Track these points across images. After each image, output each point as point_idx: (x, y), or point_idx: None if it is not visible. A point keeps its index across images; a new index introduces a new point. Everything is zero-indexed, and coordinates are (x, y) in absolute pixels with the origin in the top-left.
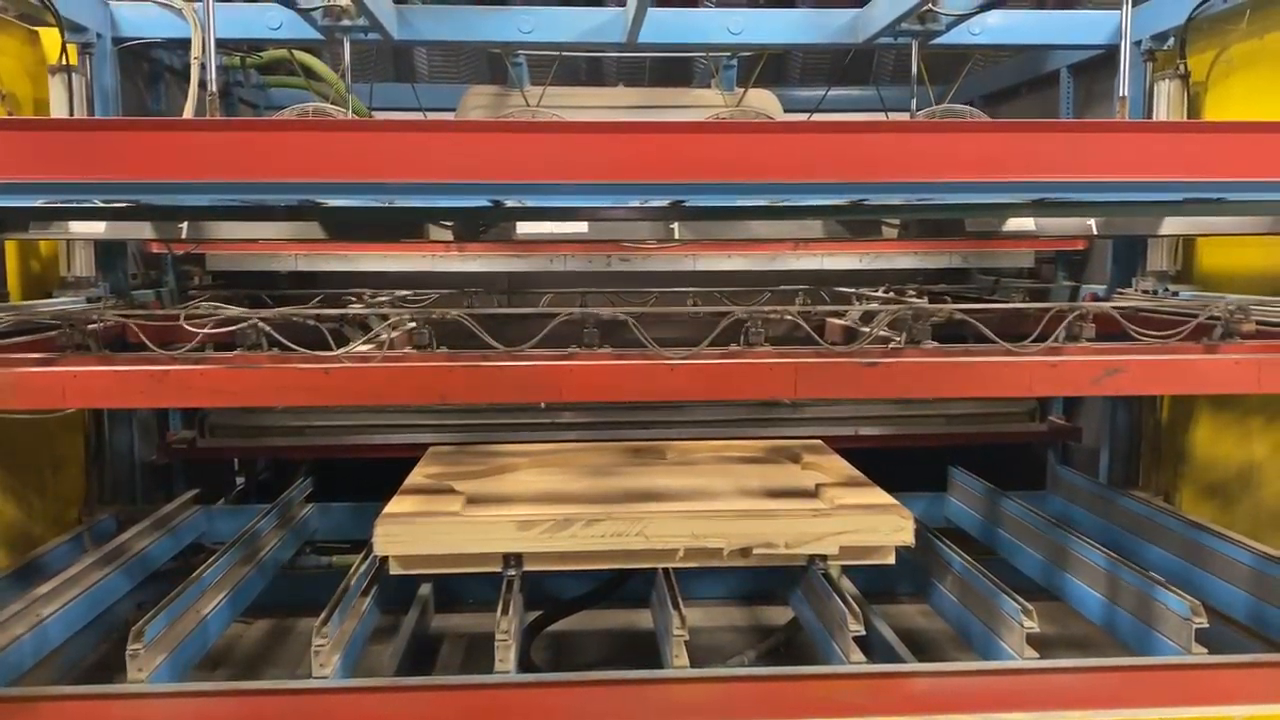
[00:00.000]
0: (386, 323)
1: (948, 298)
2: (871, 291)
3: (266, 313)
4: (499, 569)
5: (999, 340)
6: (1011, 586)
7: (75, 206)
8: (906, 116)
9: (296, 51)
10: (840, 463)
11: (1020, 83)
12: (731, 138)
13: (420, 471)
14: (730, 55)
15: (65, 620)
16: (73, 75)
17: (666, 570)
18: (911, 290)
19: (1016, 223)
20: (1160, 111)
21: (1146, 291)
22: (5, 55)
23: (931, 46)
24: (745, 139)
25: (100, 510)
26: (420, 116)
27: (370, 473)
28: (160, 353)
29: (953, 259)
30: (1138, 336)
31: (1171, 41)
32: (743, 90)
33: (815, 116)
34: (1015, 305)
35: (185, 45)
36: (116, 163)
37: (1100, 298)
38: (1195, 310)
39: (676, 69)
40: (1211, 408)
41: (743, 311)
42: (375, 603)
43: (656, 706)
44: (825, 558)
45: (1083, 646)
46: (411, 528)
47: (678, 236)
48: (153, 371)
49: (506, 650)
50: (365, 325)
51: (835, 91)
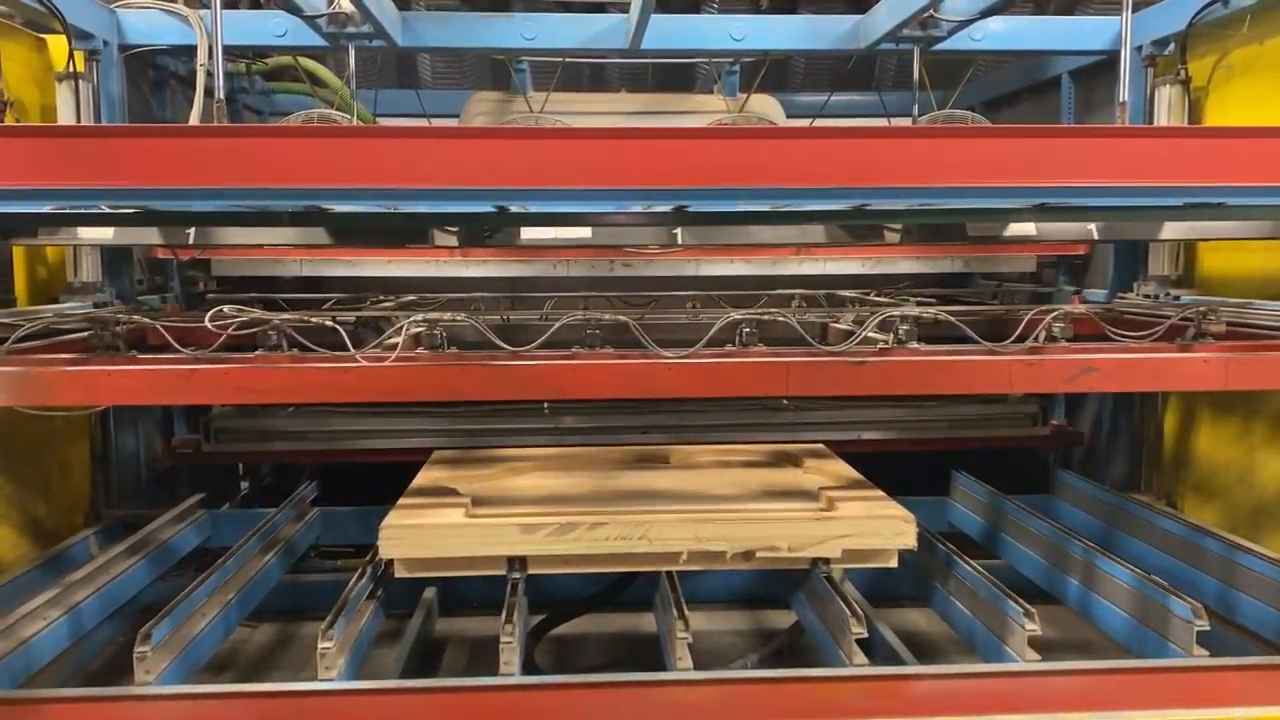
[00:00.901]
0: (395, 326)
1: (934, 300)
2: (866, 295)
3: (287, 315)
4: (503, 572)
5: (981, 341)
6: (1014, 590)
7: (83, 213)
8: (908, 122)
9: (301, 58)
10: (843, 467)
11: (1021, 88)
12: (734, 143)
13: (425, 475)
14: (732, 61)
15: (90, 611)
16: (80, 82)
17: (670, 573)
18: (904, 294)
19: (1018, 228)
20: (1161, 117)
21: (1148, 296)
22: (13, 62)
23: (933, 52)
24: (747, 144)
25: (106, 514)
26: (424, 122)
27: (373, 478)
28: (186, 353)
29: (954, 263)
30: (1114, 337)
31: (1172, 47)
32: (745, 96)
33: (817, 122)
34: (994, 308)
35: (191, 52)
36: (123, 169)
37: (1087, 302)
38: (1171, 312)
39: (679, 75)
40: (1213, 412)
41: (739, 315)
42: (380, 606)
43: (660, 708)
44: (828, 561)
45: (1085, 650)
46: (417, 531)
47: (680, 242)
48: (180, 370)
49: (511, 653)
50: (379, 328)
51: (837, 97)
